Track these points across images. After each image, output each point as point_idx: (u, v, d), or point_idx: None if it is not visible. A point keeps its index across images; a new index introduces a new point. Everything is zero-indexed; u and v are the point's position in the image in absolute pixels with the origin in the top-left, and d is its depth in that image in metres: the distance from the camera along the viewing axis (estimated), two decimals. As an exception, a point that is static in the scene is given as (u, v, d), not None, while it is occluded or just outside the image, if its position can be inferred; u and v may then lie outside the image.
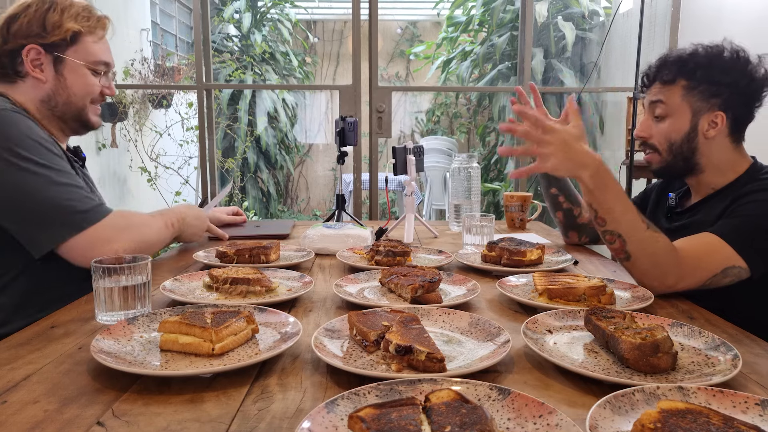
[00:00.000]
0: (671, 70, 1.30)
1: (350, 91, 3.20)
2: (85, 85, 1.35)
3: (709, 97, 1.28)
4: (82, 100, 1.36)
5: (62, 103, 1.34)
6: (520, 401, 0.61)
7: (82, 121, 1.39)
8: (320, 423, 0.57)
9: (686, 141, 1.31)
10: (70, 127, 1.40)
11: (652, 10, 3.87)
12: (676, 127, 1.31)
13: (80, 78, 1.34)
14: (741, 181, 1.29)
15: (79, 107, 1.36)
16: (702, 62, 1.28)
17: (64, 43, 1.31)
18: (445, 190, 5.68)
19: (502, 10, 5.18)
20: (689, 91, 1.29)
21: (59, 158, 1.23)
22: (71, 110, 1.36)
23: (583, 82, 4.92)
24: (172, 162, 4.69)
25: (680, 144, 1.31)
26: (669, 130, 1.32)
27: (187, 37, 6.13)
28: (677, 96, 1.30)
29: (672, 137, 1.32)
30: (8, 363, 0.79)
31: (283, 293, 1.09)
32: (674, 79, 1.30)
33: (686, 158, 1.32)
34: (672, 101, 1.31)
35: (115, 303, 0.94)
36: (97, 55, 1.36)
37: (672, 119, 1.31)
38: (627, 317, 0.84)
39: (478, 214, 1.84)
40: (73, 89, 1.34)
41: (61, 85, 1.33)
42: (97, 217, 1.20)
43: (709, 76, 1.27)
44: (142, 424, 0.62)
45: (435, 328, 0.89)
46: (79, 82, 1.34)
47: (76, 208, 1.18)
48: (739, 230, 1.16)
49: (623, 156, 3.47)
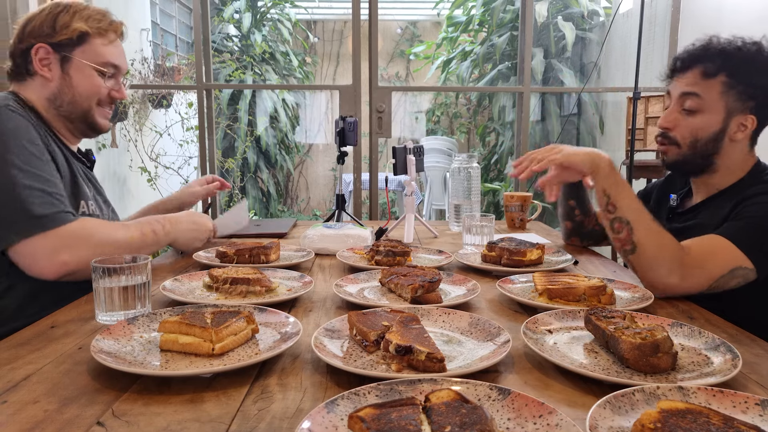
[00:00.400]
0: (715, 62, 1.22)
1: (350, 91, 3.20)
2: (91, 86, 1.36)
3: (746, 99, 1.22)
4: (87, 101, 1.36)
5: (67, 102, 1.34)
6: (520, 401, 0.61)
7: (89, 122, 1.39)
8: (320, 423, 0.57)
9: (712, 140, 1.25)
10: (77, 128, 1.40)
11: (652, 10, 3.87)
12: (707, 125, 1.24)
13: (86, 78, 1.35)
14: (745, 182, 1.27)
15: (84, 108, 1.36)
16: (748, 59, 1.21)
17: (71, 43, 1.32)
18: (445, 190, 5.68)
19: (502, 10, 5.18)
20: (728, 89, 1.22)
21: (41, 161, 1.19)
22: (77, 110, 1.36)
23: (583, 82, 4.92)
24: (172, 162, 4.69)
25: (705, 142, 1.26)
26: (698, 126, 1.25)
27: (187, 37, 6.13)
28: (715, 92, 1.23)
29: (699, 134, 1.26)
30: (8, 363, 0.79)
31: (283, 293, 1.09)
32: (716, 73, 1.22)
33: (705, 157, 1.27)
34: (709, 97, 1.23)
35: (115, 303, 0.94)
36: (104, 56, 1.36)
37: (704, 116, 1.24)
38: (627, 317, 0.84)
39: (478, 214, 1.84)
40: (78, 89, 1.34)
41: (67, 84, 1.33)
42: (51, 224, 1.13)
43: (751, 76, 1.21)
44: (142, 424, 0.62)
45: (435, 328, 0.89)
46: (84, 82, 1.35)
47: (32, 212, 1.12)
48: (746, 232, 1.14)
49: (623, 156, 3.47)
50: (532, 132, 5.04)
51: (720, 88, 1.23)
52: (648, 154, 3.43)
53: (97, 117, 1.39)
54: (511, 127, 5.01)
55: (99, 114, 1.40)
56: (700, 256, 1.13)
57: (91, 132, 1.43)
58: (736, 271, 1.12)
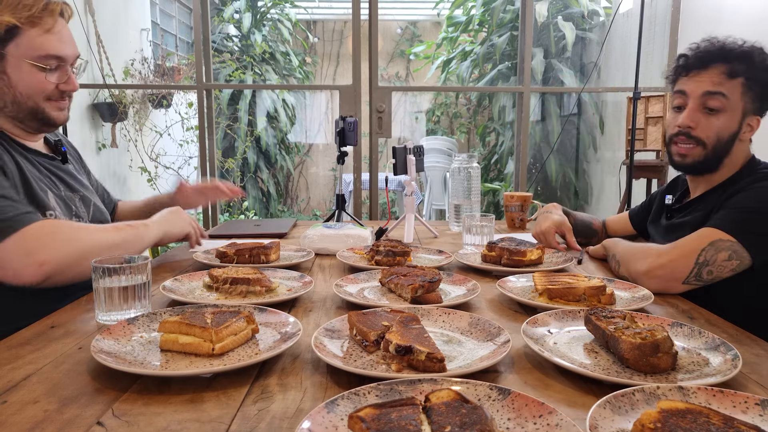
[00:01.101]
0: (740, 63, 1.23)
1: (350, 91, 3.20)
2: (32, 83, 1.22)
3: (756, 101, 1.25)
4: (31, 99, 1.23)
5: (10, 103, 1.22)
6: (520, 401, 0.61)
7: (40, 119, 1.26)
8: (320, 423, 0.57)
9: (729, 141, 1.26)
10: (30, 126, 1.28)
11: (652, 10, 3.87)
12: (728, 125, 1.25)
13: (25, 75, 1.20)
14: (737, 177, 1.29)
15: (30, 106, 1.24)
16: (763, 62, 1.24)
17: (1, 38, 1.17)
18: (445, 190, 5.68)
19: (502, 10, 5.18)
20: (747, 90, 1.24)
21: None
22: (23, 110, 1.24)
23: (583, 82, 4.92)
24: (172, 162, 4.70)
25: (725, 142, 1.26)
26: (722, 126, 1.25)
27: (187, 37, 6.13)
28: (737, 92, 1.24)
29: (722, 134, 1.26)
30: (8, 363, 0.79)
31: (283, 293, 1.09)
32: (739, 74, 1.23)
33: (719, 157, 1.28)
34: (733, 97, 1.24)
35: (115, 303, 0.94)
36: (43, 48, 1.20)
37: (727, 116, 1.25)
38: (627, 317, 0.84)
39: (478, 214, 1.84)
40: (18, 88, 1.21)
41: (5, 83, 1.20)
42: (17, 225, 1.05)
43: (765, 79, 1.24)
44: (142, 424, 0.62)
45: (435, 328, 0.89)
46: (24, 79, 1.21)
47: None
48: (731, 218, 1.16)
49: (623, 156, 3.47)
50: (532, 132, 5.04)
51: (740, 89, 1.24)
52: (648, 154, 3.44)
53: (49, 112, 1.26)
54: (511, 127, 5.01)
55: (51, 108, 1.26)
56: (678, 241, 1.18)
57: (47, 127, 1.31)
58: (718, 244, 1.13)
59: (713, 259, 1.13)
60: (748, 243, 1.13)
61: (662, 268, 1.15)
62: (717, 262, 1.13)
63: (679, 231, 1.25)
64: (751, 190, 1.20)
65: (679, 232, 1.22)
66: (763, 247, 1.14)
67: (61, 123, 1.30)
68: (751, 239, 1.13)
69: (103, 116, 4.11)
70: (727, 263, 1.13)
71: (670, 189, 1.52)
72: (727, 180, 1.30)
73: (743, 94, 1.24)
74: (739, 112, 1.25)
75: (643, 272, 1.17)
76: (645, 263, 1.18)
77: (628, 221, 1.66)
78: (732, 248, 1.13)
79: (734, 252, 1.13)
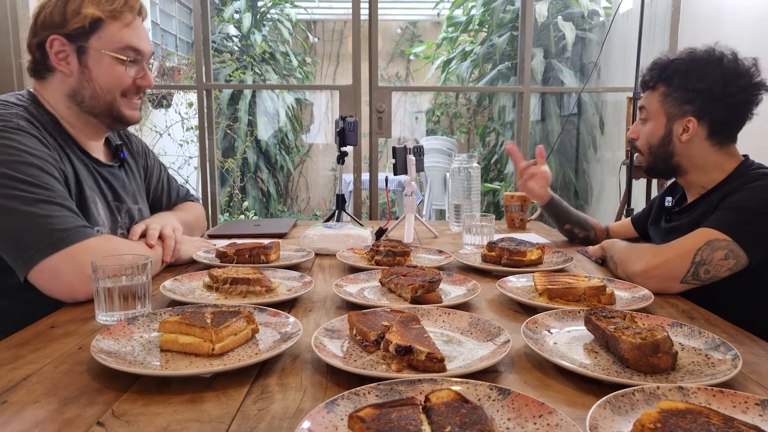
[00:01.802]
0: (653, 77, 1.37)
1: (350, 91, 3.20)
2: (112, 76, 1.24)
3: (683, 104, 1.33)
4: (110, 93, 1.25)
5: (89, 97, 1.24)
6: (520, 401, 0.61)
7: (114, 116, 1.28)
8: (320, 423, 0.57)
9: (662, 144, 1.37)
10: (102, 122, 1.30)
11: (652, 10, 3.87)
12: (654, 131, 1.38)
13: (105, 68, 1.23)
14: (730, 179, 1.30)
15: (107, 101, 1.26)
16: (680, 69, 1.32)
17: (84, 31, 1.21)
18: (445, 190, 5.68)
19: (502, 10, 5.18)
20: (665, 98, 1.35)
21: (54, 179, 1.12)
22: (100, 105, 1.26)
23: (583, 82, 4.92)
24: (172, 162, 4.70)
25: (657, 146, 1.38)
26: (649, 133, 1.39)
27: (187, 37, 6.13)
28: (656, 102, 1.37)
29: (651, 140, 1.39)
30: (8, 363, 0.79)
31: (283, 293, 1.09)
32: (655, 85, 1.37)
33: (665, 160, 1.38)
34: (651, 107, 1.38)
35: (115, 303, 0.94)
36: (123, 41, 1.24)
37: (651, 123, 1.38)
38: (627, 317, 0.84)
39: (478, 214, 1.84)
40: (98, 81, 1.24)
41: (86, 77, 1.23)
42: (74, 238, 1.06)
43: (684, 83, 1.31)
44: (142, 424, 0.62)
45: (435, 328, 0.89)
46: (104, 72, 1.23)
47: (51, 227, 1.04)
48: (727, 218, 1.18)
49: (623, 156, 3.47)
50: (532, 132, 5.04)
51: (659, 98, 1.36)
52: (648, 154, 3.43)
53: (123, 109, 1.29)
54: (511, 127, 5.01)
55: (125, 106, 1.29)
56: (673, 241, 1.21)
57: (119, 125, 1.34)
58: (714, 243, 1.14)
59: (710, 258, 1.14)
60: (745, 242, 1.14)
61: (659, 267, 1.16)
62: (714, 261, 1.14)
63: (676, 233, 1.26)
64: (746, 190, 1.21)
65: (676, 234, 1.23)
66: (759, 246, 1.14)
67: (133, 122, 1.33)
68: (747, 239, 1.14)
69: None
70: (723, 262, 1.14)
71: (670, 191, 1.54)
72: (720, 183, 1.32)
73: (662, 101, 1.35)
74: (662, 117, 1.36)
75: (640, 272, 1.18)
76: (641, 263, 1.19)
77: (630, 226, 1.69)
78: (728, 247, 1.14)
79: (731, 251, 1.14)
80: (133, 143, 1.55)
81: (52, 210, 1.07)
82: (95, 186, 1.30)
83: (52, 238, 1.04)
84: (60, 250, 1.04)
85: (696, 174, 1.36)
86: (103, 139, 1.38)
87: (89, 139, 1.32)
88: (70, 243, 1.05)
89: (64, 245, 1.04)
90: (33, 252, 1.03)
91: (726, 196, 1.24)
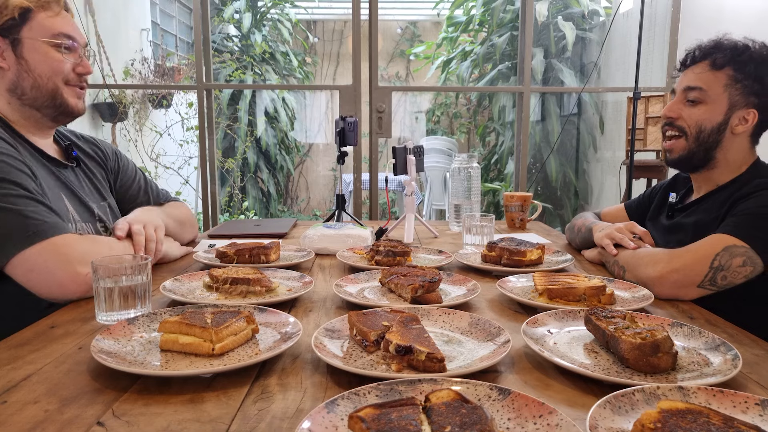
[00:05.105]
0: (725, 55, 1.26)
1: (350, 91, 3.20)
2: (50, 63, 1.23)
3: (749, 94, 1.26)
4: (51, 81, 1.24)
5: (30, 88, 1.23)
6: (520, 401, 0.61)
7: (58, 105, 1.27)
8: (320, 423, 0.57)
9: (715, 132, 1.28)
10: (47, 115, 1.28)
11: (652, 10, 3.87)
12: (710, 116, 1.28)
13: (42, 56, 1.22)
14: (743, 178, 1.28)
15: (50, 89, 1.25)
16: (755, 57, 1.26)
17: (15, 23, 1.20)
18: (445, 190, 5.68)
19: (502, 10, 5.18)
20: (733, 83, 1.26)
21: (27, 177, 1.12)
22: (42, 95, 1.24)
23: (583, 82, 4.92)
24: (172, 162, 4.70)
25: (709, 133, 1.29)
26: (702, 116, 1.29)
27: (187, 37, 6.13)
28: (719, 84, 1.27)
29: (704, 125, 1.29)
30: (8, 363, 0.79)
31: (283, 293, 1.09)
32: (723, 65, 1.26)
33: (707, 149, 1.30)
34: (713, 89, 1.27)
35: (115, 303, 0.94)
36: (55, 27, 1.23)
37: (708, 106, 1.28)
38: (627, 317, 0.84)
39: (478, 214, 1.84)
40: (37, 70, 1.23)
41: (24, 68, 1.22)
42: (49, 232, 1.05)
43: (758, 73, 1.25)
44: (142, 424, 0.62)
45: (435, 328, 0.89)
46: (41, 61, 1.22)
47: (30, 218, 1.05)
48: (743, 224, 1.15)
49: (623, 156, 3.47)
50: (532, 132, 5.04)
51: (725, 81, 1.26)
52: (648, 154, 3.44)
53: (67, 98, 1.27)
54: (511, 127, 5.01)
55: (69, 94, 1.27)
56: (690, 245, 1.16)
57: (63, 117, 1.31)
58: (732, 249, 1.12)
59: (728, 264, 1.11)
60: (761, 249, 1.12)
61: (676, 272, 1.12)
62: (732, 267, 1.11)
63: (680, 231, 1.25)
64: (761, 196, 1.19)
65: (680, 233, 1.22)
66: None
67: (78, 113, 1.32)
68: (763, 245, 1.12)
69: (103, 116, 4.11)
70: (741, 269, 1.12)
71: (671, 186, 1.51)
72: (731, 182, 1.29)
73: (728, 86, 1.26)
74: (723, 104, 1.27)
75: (655, 277, 1.14)
76: (656, 268, 1.14)
77: (623, 212, 1.65)
78: (746, 254, 1.11)
79: (748, 258, 1.11)
80: (101, 146, 1.52)
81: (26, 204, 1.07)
82: (55, 185, 1.27)
83: (28, 231, 1.04)
84: (37, 242, 1.03)
85: (722, 169, 1.31)
86: (50, 136, 1.35)
87: (36, 136, 1.30)
88: (49, 236, 1.05)
89: (41, 238, 1.04)
90: (9, 244, 1.03)
91: (738, 199, 1.21)
